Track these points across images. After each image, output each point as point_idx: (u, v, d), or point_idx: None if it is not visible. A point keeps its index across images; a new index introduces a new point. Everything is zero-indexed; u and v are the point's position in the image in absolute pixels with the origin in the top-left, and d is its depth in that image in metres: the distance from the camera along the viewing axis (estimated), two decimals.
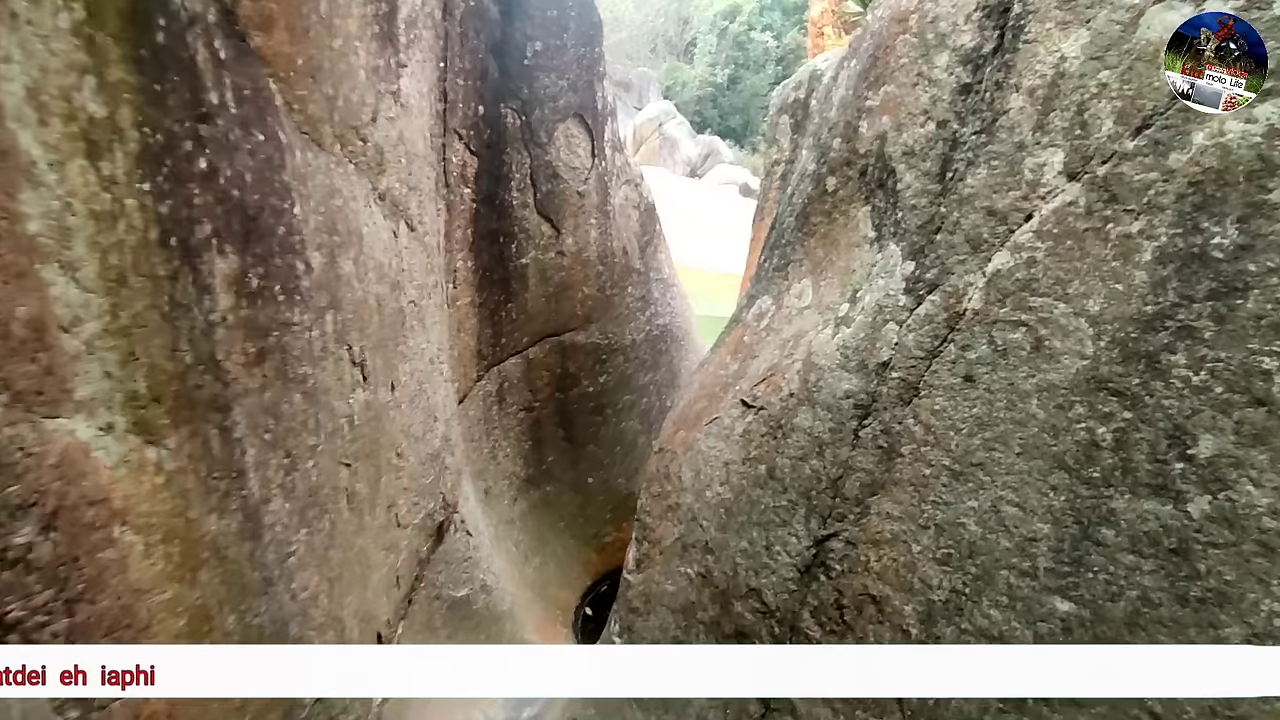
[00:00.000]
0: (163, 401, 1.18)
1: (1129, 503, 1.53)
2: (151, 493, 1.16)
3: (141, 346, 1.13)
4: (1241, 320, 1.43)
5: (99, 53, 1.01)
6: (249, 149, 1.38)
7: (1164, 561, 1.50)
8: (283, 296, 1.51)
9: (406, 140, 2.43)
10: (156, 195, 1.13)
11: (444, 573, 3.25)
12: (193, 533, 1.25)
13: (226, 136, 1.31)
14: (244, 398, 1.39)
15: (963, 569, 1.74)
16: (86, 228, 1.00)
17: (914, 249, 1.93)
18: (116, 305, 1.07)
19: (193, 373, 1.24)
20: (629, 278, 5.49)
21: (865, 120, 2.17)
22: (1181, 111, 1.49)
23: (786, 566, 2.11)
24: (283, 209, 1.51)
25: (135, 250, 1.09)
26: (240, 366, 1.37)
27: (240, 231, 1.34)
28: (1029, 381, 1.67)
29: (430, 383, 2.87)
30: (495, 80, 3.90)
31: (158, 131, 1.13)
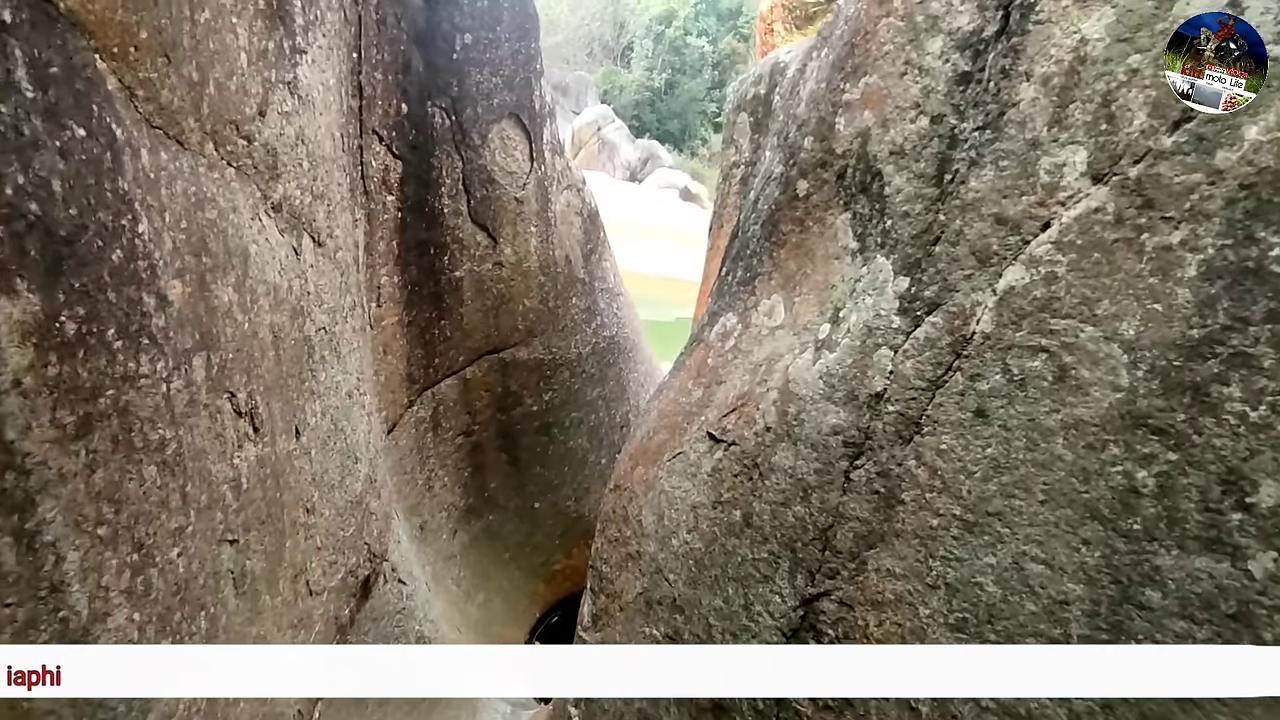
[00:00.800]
0: None
1: (1177, 559, 1.30)
2: None
3: None
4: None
5: None
6: (59, 146, 1.01)
7: (1221, 628, 1.28)
8: (120, 343, 1.14)
9: (309, 140, 2.05)
10: None
11: (372, 632, 2.85)
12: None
13: (17, 129, 0.94)
14: (58, 485, 1.01)
15: (981, 636, 1.49)
16: None
17: (908, 262, 1.68)
18: None
19: None
20: (573, 288, 5.16)
21: (842, 116, 1.91)
22: None
23: (770, 630, 1.82)
24: (119, 227, 1.14)
25: None
26: (50, 444, 1.00)
27: (42, 260, 0.97)
28: (1053, 417, 1.42)
29: (349, 419, 2.48)
30: (420, 75, 3.52)
31: None
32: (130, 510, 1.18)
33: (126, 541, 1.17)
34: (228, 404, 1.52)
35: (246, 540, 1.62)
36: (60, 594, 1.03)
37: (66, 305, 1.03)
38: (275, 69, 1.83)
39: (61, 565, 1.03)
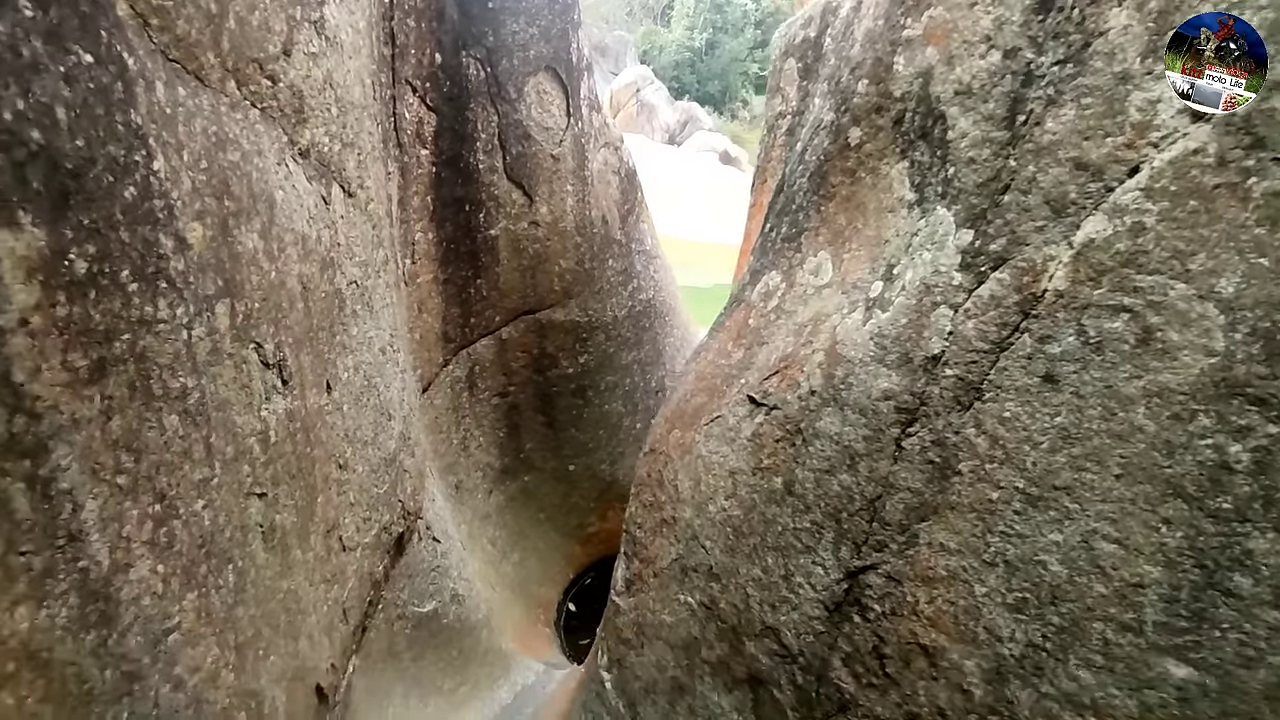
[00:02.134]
0: None
1: (1273, 543, 1.18)
2: None
3: None
4: None
5: None
6: (63, 72, 0.95)
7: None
8: (136, 285, 1.08)
9: (337, 84, 1.97)
10: None
11: (407, 589, 2.86)
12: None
13: (15, 50, 0.88)
14: (72, 431, 0.97)
15: (1043, 618, 1.38)
16: None
17: (972, 214, 1.54)
18: None
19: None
20: (609, 249, 5.05)
21: (902, 55, 1.75)
22: None
23: (811, 602, 1.74)
24: (132, 163, 1.08)
25: None
26: (62, 388, 0.95)
27: (47, 193, 0.92)
28: (1134, 384, 1.29)
29: (382, 376, 2.44)
30: (455, 23, 3.40)
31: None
32: (151, 460, 1.14)
33: (148, 492, 1.14)
34: (254, 354, 1.48)
35: (275, 494, 1.59)
36: (79, 543, 1.00)
37: (75, 242, 0.98)
38: (300, 6, 1.75)
39: (79, 514, 1.00)
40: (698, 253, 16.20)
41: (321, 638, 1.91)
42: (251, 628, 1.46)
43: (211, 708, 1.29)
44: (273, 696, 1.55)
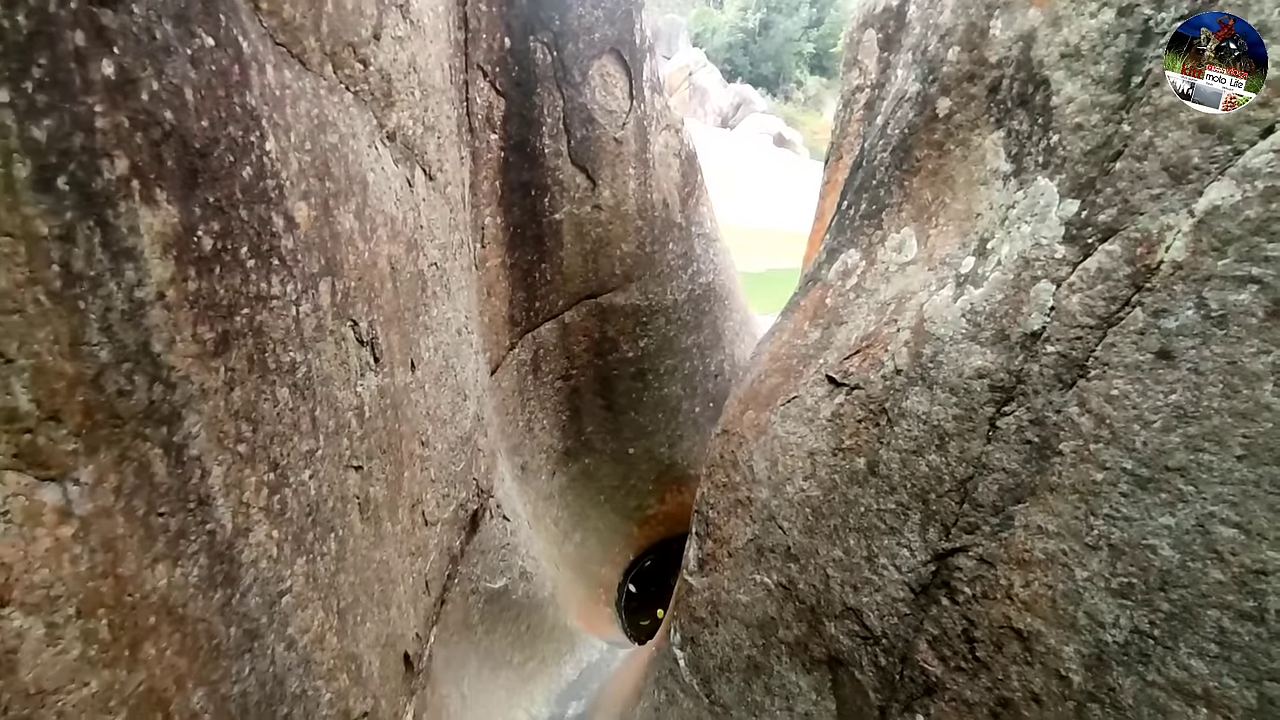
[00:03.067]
0: (64, 419, 0.82)
1: None
2: (53, 552, 0.81)
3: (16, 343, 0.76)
4: None
5: None
6: (190, 54, 0.99)
7: None
8: (253, 261, 1.13)
9: (420, 68, 2.01)
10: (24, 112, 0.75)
11: (480, 564, 2.93)
12: (128, 595, 0.91)
13: (149, 33, 0.91)
14: (201, 401, 1.02)
15: (1151, 604, 1.33)
16: None
17: (1079, 183, 1.47)
18: None
19: (112, 373, 0.87)
20: (670, 233, 5.03)
21: (1000, 18, 1.68)
22: None
23: (896, 584, 1.71)
24: (248, 143, 1.12)
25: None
26: (192, 359, 1.00)
27: (179, 171, 0.96)
28: (1261, 360, 1.22)
29: (458, 356, 2.50)
30: (523, 7, 3.42)
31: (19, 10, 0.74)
32: (266, 430, 1.19)
33: (264, 460, 1.19)
34: (351, 332, 1.53)
35: (369, 468, 1.64)
36: (207, 507, 1.05)
37: (203, 219, 1.02)
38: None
39: (207, 479, 1.05)
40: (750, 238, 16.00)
41: (408, 607, 1.98)
42: (351, 594, 1.52)
43: (319, 668, 1.35)
44: (369, 661, 1.61)
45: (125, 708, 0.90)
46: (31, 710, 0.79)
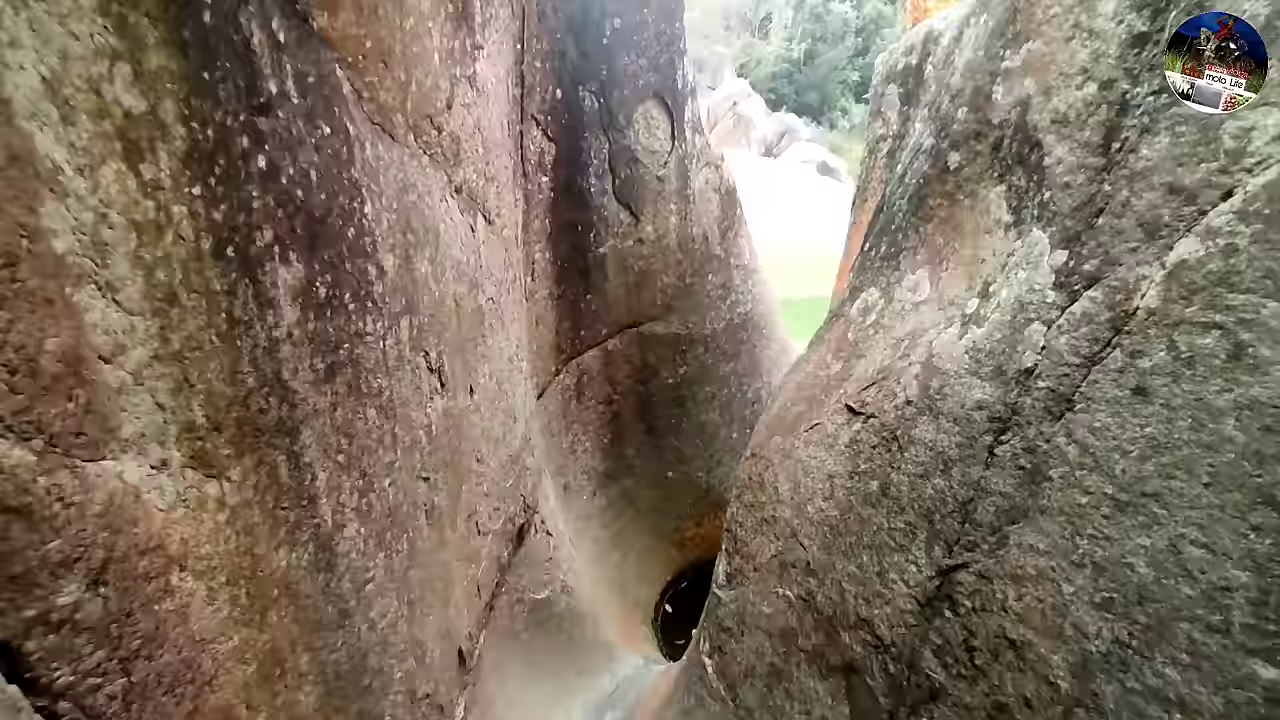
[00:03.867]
0: (223, 430, 1.07)
1: None
2: (213, 532, 1.05)
3: (197, 371, 1.02)
4: None
5: (133, 36, 0.89)
6: (314, 143, 1.26)
7: None
8: (353, 305, 1.39)
9: (483, 128, 2.29)
10: (209, 200, 1.01)
11: (525, 575, 3.15)
12: (260, 571, 1.15)
13: (289, 130, 1.18)
14: (314, 418, 1.27)
15: (1129, 617, 1.46)
16: (127, 241, 0.88)
17: (1067, 235, 1.64)
18: (166, 328, 0.95)
19: (256, 396, 1.13)
20: (709, 264, 5.26)
21: (1001, 85, 1.87)
22: None
23: (904, 597, 1.87)
24: (352, 209, 1.38)
25: (186, 264, 0.97)
26: (309, 385, 1.25)
27: (305, 236, 1.22)
28: (1224, 397, 1.36)
29: (510, 382, 2.74)
30: (574, 61, 3.73)
31: (208, 126, 1.01)
32: (358, 444, 1.44)
33: (356, 469, 1.43)
34: (423, 361, 1.78)
35: (435, 479, 1.88)
36: (314, 505, 1.30)
37: (320, 273, 1.28)
38: (459, 65, 2.07)
39: (315, 482, 1.30)
40: (792, 264, 16.10)
41: (463, 608, 2.20)
42: (419, 589, 1.75)
43: (393, 649, 1.58)
44: (432, 649, 1.83)
45: (256, 660, 1.14)
46: (195, 653, 1.03)
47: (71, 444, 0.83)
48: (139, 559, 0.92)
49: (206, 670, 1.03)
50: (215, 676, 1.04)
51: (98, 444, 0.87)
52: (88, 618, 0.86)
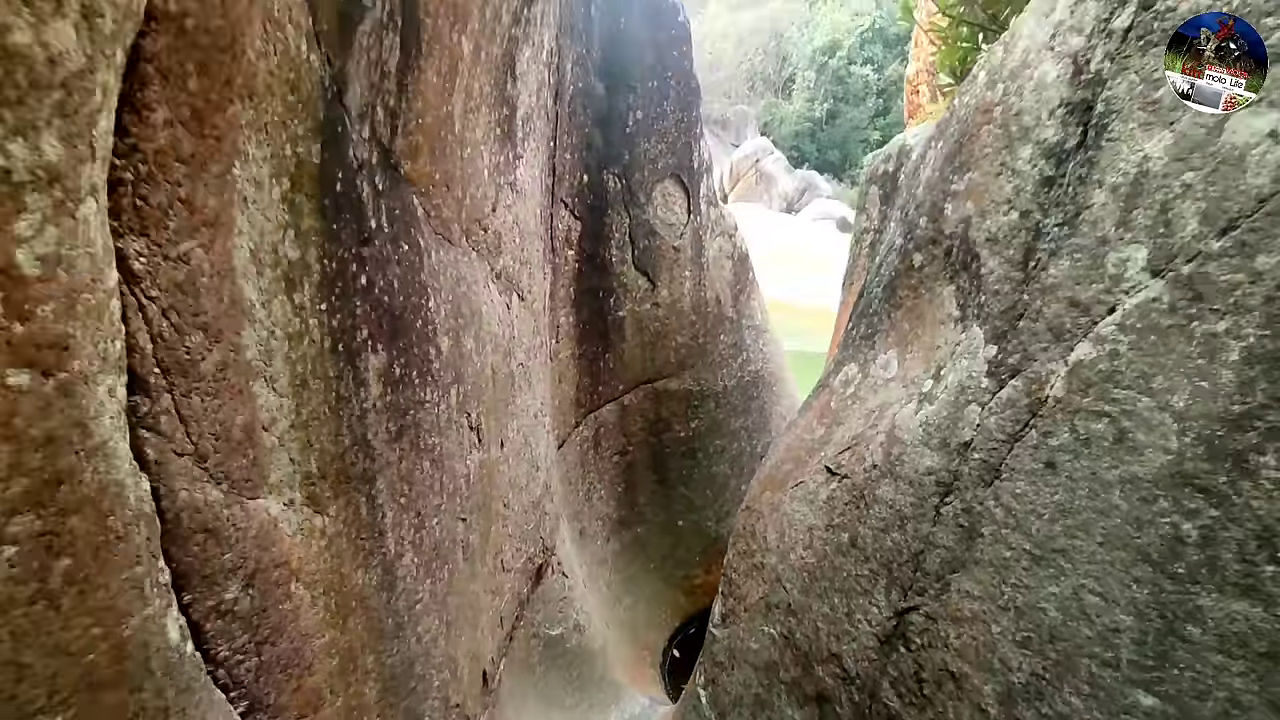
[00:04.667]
0: (327, 478, 1.44)
1: (1216, 601, 1.53)
2: (317, 554, 1.41)
3: (315, 435, 1.39)
4: None
5: (297, 210, 1.29)
6: (397, 259, 1.66)
7: (1254, 664, 1.49)
8: (418, 380, 1.77)
9: (520, 221, 2.71)
10: (330, 312, 1.40)
11: (541, 612, 3.46)
12: (344, 586, 1.50)
13: (381, 252, 1.58)
14: (386, 470, 1.64)
15: (1043, 653, 1.76)
16: (283, 347, 1.27)
17: (997, 333, 1.99)
18: (300, 405, 1.33)
19: (349, 453, 1.50)
20: (721, 325, 5.64)
21: (950, 203, 2.25)
22: (1270, 215, 1.51)
23: (867, 635, 2.16)
24: (421, 305, 1.78)
25: (314, 359, 1.36)
26: (384, 444, 1.63)
27: (388, 331, 1.61)
28: (1112, 472, 1.69)
29: (534, 436, 3.11)
30: (599, 149, 4.20)
31: (333, 261, 1.41)
32: (416, 489, 1.81)
33: (413, 509, 1.80)
34: (466, 421, 2.16)
35: (471, 521, 2.24)
36: (383, 537, 1.66)
37: (396, 357, 1.67)
38: (503, 174, 2.50)
39: (384, 520, 1.66)
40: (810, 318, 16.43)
41: (488, 634, 2.53)
42: (455, 613, 2.09)
43: (434, 660, 1.91)
44: (463, 665, 2.16)
45: (338, 655, 1.48)
46: (301, 645, 1.38)
47: (243, 487, 1.19)
48: (274, 570, 1.27)
49: (306, 659, 1.37)
50: (311, 664, 1.38)
51: (256, 487, 1.23)
52: (240, 610, 1.21)
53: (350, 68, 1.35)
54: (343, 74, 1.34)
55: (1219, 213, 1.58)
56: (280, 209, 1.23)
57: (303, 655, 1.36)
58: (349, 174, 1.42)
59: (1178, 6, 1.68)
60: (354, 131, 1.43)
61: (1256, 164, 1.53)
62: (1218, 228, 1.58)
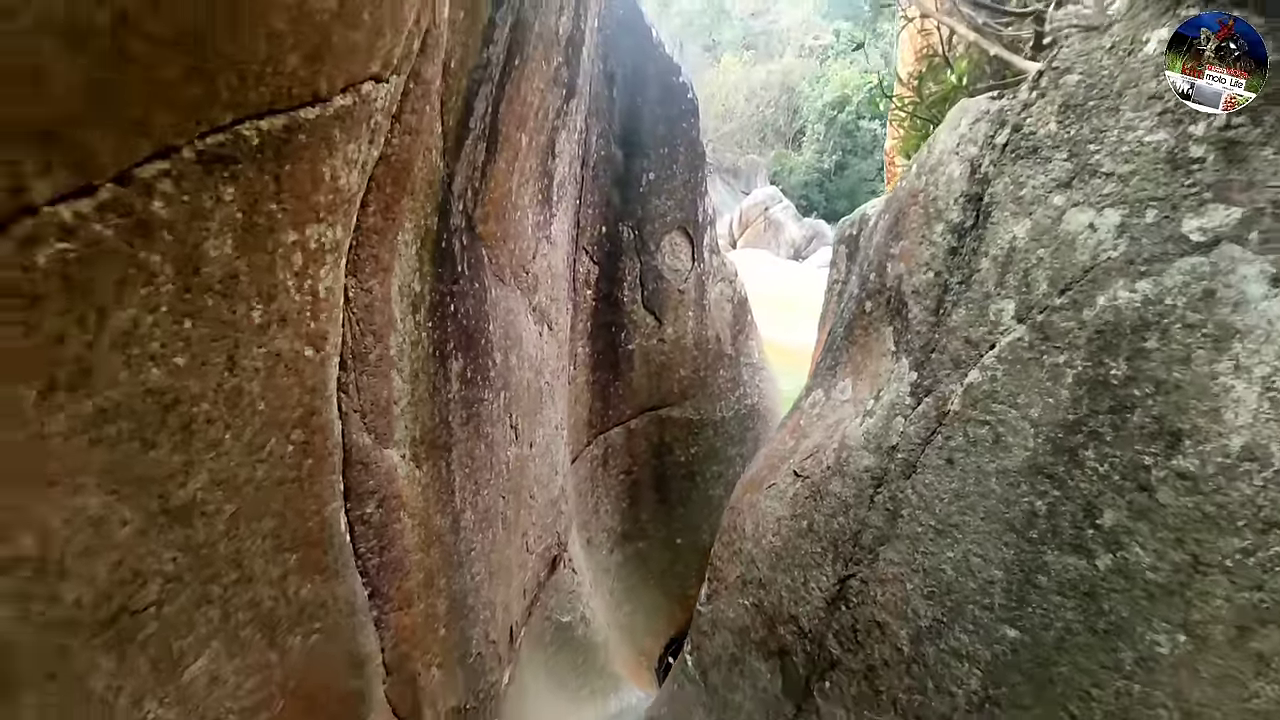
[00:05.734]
0: (423, 444, 2.05)
1: (1057, 557, 2.12)
2: (415, 495, 2.01)
3: (419, 412, 2.01)
4: (1130, 429, 2.03)
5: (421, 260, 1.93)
6: (472, 294, 2.30)
7: (1080, 601, 2.07)
8: (480, 382, 2.40)
9: (553, 266, 3.38)
10: (433, 328, 2.03)
11: (554, 599, 4.02)
12: (429, 523, 2.10)
13: (463, 289, 2.23)
14: (457, 445, 2.25)
15: (942, 603, 2.34)
16: (408, 349, 1.90)
17: (917, 363, 2.61)
18: (413, 389, 1.95)
19: (438, 428, 2.11)
20: (721, 361, 6.27)
21: (890, 263, 2.89)
22: (1090, 281, 2.14)
23: (818, 598, 2.74)
24: (484, 327, 2.42)
25: (423, 360, 1.98)
26: (458, 426, 2.24)
27: (464, 344, 2.24)
28: (990, 465, 2.29)
29: (555, 444, 3.73)
30: (617, 205, 4.90)
31: (436, 294, 2.05)
32: (475, 464, 2.42)
33: (472, 479, 2.41)
34: (508, 420, 2.78)
35: (508, 500, 2.85)
36: (453, 494, 2.27)
37: (468, 364, 2.31)
38: (541, 230, 3.17)
39: (454, 483, 2.27)
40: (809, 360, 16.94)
41: (515, 597, 3.11)
42: (495, 567, 2.69)
43: (481, 599, 2.50)
44: (498, 612, 2.74)
45: (424, 572, 2.08)
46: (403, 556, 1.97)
47: (382, 439, 1.80)
48: (393, 499, 1.87)
49: (406, 567, 1.95)
50: (409, 572, 1.96)
51: (388, 441, 1.84)
52: (373, 521, 1.80)
53: (457, 167, 2.02)
54: (452, 171, 2.01)
55: (1059, 278, 2.22)
56: (413, 259, 1.87)
57: (404, 565, 1.94)
58: (449, 235, 2.06)
59: (1037, 131, 2.35)
60: (454, 206, 2.08)
61: (1081, 245, 2.17)
62: (1059, 289, 2.22)
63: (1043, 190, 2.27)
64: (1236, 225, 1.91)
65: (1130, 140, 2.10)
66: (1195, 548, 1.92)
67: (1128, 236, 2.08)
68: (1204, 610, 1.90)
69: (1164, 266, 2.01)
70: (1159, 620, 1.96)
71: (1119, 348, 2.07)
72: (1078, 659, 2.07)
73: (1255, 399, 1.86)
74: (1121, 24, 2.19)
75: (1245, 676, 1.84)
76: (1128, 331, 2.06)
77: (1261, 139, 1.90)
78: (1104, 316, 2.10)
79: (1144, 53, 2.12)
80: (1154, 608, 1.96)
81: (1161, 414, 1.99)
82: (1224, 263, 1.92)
